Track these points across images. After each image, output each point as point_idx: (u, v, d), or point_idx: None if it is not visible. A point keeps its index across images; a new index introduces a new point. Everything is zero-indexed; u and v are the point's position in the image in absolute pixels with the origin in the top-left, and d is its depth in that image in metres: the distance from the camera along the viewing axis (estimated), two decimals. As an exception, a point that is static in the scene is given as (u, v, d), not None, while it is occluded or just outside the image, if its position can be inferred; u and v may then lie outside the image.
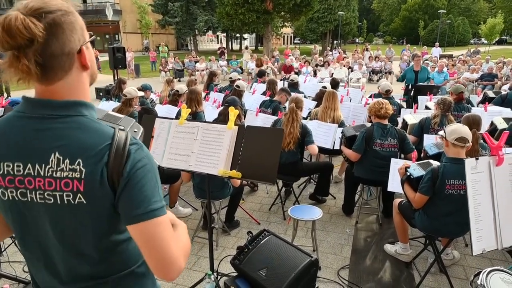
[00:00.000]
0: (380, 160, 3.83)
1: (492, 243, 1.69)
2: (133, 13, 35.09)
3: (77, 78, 0.98)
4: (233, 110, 2.44)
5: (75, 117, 0.97)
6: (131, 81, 15.56)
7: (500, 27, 41.77)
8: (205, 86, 8.22)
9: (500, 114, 5.18)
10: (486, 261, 3.39)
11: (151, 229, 0.96)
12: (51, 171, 0.95)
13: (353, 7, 40.12)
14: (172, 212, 4.20)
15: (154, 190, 0.98)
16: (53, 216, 0.99)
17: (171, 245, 0.97)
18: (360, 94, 7.43)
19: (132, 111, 4.62)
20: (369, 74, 16.32)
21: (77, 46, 0.96)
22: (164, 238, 0.97)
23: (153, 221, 0.96)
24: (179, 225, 1.15)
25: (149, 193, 0.96)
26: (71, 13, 0.95)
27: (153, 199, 0.97)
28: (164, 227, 0.98)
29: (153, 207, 0.96)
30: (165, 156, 2.53)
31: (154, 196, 0.97)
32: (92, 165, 0.93)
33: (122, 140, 0.96)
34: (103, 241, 1.03)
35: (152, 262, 0.97)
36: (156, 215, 0.96)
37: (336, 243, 3.71)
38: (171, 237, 0.99)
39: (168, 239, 0.97)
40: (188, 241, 1.12)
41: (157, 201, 0.98)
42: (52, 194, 0.96)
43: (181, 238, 1.08)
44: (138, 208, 0.95)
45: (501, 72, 12.11)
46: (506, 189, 1.72)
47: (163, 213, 0.98)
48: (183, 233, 1.12)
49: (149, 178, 0.97)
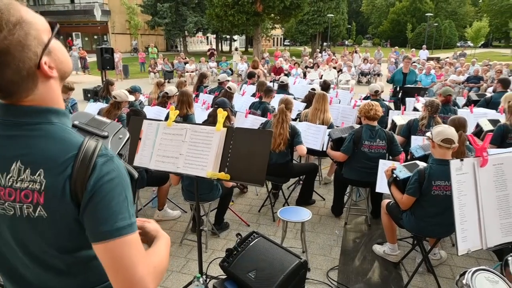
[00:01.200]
0: (369, 162, 3.86)
1: (477, 243, 1.71)
2: (122, 14, 34.79)
3: (45, 88, 0.91)
4: (222, 112, 2.43)
5: (43, 124, 0.91)
6: (119, 82, 15.42)
7: (485, 30, 42.62)
8: (194, 88, 8.19)
9: (485, 116, 5.28)
10: (472, 261, 3.43)
11: (116, 249, 0.88)
12: (12, 180, 0.90)
13: (342, 9, 40.42)
14: (160, 215, 4.16)
15: (122, 206, 0.90)
16: (14, 228, 0.93)
17: (138, 266, 0.89)
18: (349, 96, 7.50)
19: (120, 113, 4.57)
20: (358, 76, 16.49)
21: (35, 61, 0.87)
22: (131, 259, 0.89)
23: (119, 240, 0.88)
24: (160, 239, 1.08)
25: (116, 209, 0.89)
26: (18, 25, 0.83)
27: (120, 215, 0.89)
28: (132, 247, 0.90)
29: (120, 224, 0.89)
30: (153, 158, 2.50)
31: (122, 212, 0.90)
32: (54, 177, 0.88)
33: (89, 151, 0.90)
34: (70, 257, 0.96)
35: (116, 284, 0.90)
36: (123, 233, 0.89)
37: (325, 244, 3.72)
38: (140, 257, 0.91)
39: (136, 260, 0.89)
40: (165, 258, 1.04)
41: (125, 218, 0.90)
42: (12, 205, 0.91)
43: (155, 256, 1.00)
44: (103, 225, 0.88)
45: (487, 75, 12.33)
46: (490, 190, 1.74)
47: (131, 231, 0.91)
48: (161, 250, 1.04)
49: (117, 192, 0.90)
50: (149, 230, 1.11)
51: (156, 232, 1.11)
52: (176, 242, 3.68)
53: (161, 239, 1.09)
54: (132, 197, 0.96)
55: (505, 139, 4.20)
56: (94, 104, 6.21)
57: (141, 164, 2.55)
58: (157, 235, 1.10)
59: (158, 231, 1.11)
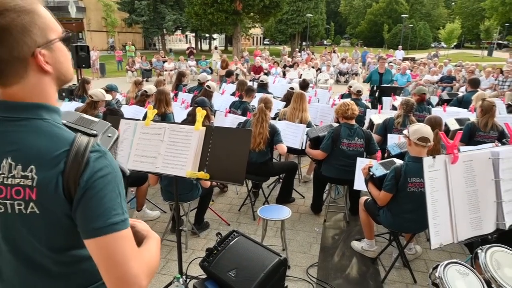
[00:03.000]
0: (347, 160, 3.93)
1: (449, 237, 1.78)
2: (98, 11, 33.96)
3: (37, 81, 0.91)
4: (200, 111, 2.42)
5: (34, 120, 0.90)
6: (95, 81, 15.04)
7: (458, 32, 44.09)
8: (173, 87, 8.09)
9: (458, 114, 5.48)
10: (445, 254, 3.55)
11: (110, 245, 0.88)
12: (2, 177, 0.89)
13: (321, 9, 40.90)
14: (139, 216, 4.10)
15: (115, 202, 0.91)
16: (4, 225, 0.92)
17: (131, 262, 0.90)
18: (327, 95, 7.60)
19: (97, 113, 4.47)
20: (337, 76, 16.74)
21: (30, 49, 0.87)
22: (125, 255, 0.89)
23: (112, 236, 0.88)
24: (151, 239, 1.08)
25: (109, 205, 0.89)
26: (26, 13, 0.86)
27: (113, 211, 0.89)
28: (125, 242, 0.90)
29: (113, 220, 0.89)
30: (130, 158, 2.46)
31: (115, 208, 0.90)
32: (46, 172, 0.87)
33: (82, 146, 0.89)
34: (61, 256, 0.95)
35: (109, 280, 0.89)
36: (116, 229, 0.89)
37: (305, 241, 3.77)
38: (133, 253, 0.92)
39: (129, 256, 0.90)
40: (157, 256, 1.05)
41: (118, 214, 0.90)
42: (3, 202, 0.90)
43: (147, 254, 1.01)
44: (96, 221, 0.88)
45: (459, 75, 12.77)
46: (461, 186, 1.81)
47: (124, 227, 0.91)
48: (152, 249, 1.05)
49: (110, 188, 0.90)
50: (139, 229, 1.11)
51: (147, 232, 1.11)
52: (155, 243, 3.64)
53: (151, 238, 1.09)
54: (125, 193, 0.96)
55: (473, 137, 4.37)
56: (69, 103, 6.04)
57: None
58: (147, 234, 1.10)
59: (148, 230, 1.12)
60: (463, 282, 1.68)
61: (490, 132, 4.35)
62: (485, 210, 1.88)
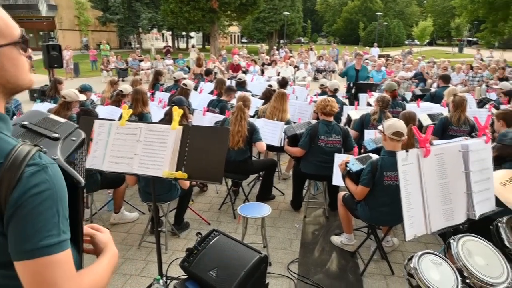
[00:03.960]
0: (325, 156, 3.98)
1: (422, 228, 1.84)
2: (70, 9, 32.98)
3: None
4: (177, 110, 2.39)
5: None
6: (69, 81, 14.63)
7: (430, 29, 45.42)
8: (150, 86, 7.97)
9: (431, 109, 5.65)
10: (421, 245, 3.66)
11: (39, 269, 0.80)
12: None
13: (298, 7, 41.26)
14: (117, 218, 4.02)
15: (50, 222, 0.82)
16: None
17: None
18: (305, 92, 7.67)
19: (70, 114, 4.34)
20: (314, 73, 16.91)
21: None
22: (56, 282, 0.81)
23: (43, 260, 0.80)
24: (105, 255, 1.02)
25: (42, 225, 0.81)
26: None
27: (47, 232, 0.81)
28: (58, 267, 0.82)
29: (46, 242, 0.81)
30: (106, 160, 2.41)
31: (50, 229, 0.82)
32: None
33: (17, 159, 0.81)
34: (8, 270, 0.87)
35: None
36: (47, 252, 0.81)
37: (286, 238, 3.80)
38: (68, 278, 0.83)
39: (61, 282, 0.82)
40: (105, 276, 0.97)
41: (53, 235, 0.82)
42: None
43: (91, 275, 0.93)
44: (26, 243, 0.80)
45: (431, 71, 13.15)
46: (433, 178, 1.87)
47: (59, 250, 0.83)
48: (100, 268, 0.98)
49: (46, 207, 0.82)
50: (98, 241, 1.06)
51: (105, 245, 1.05)
52: (134, 245, 3.58)
53: (106, 254, 1.04)
54: (67, 211, 0.88)
55: (446, 131, 4.53)
56: (41, 104, 5.86)
57: (93, 166, 2.44)
58: (104, 248, 1.04)
59: (107, 244, 1.06)
60: (436, 271, 1.74)
61: (462, 126, 4.51)
62: (456, 201, 1.95)
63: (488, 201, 2.10)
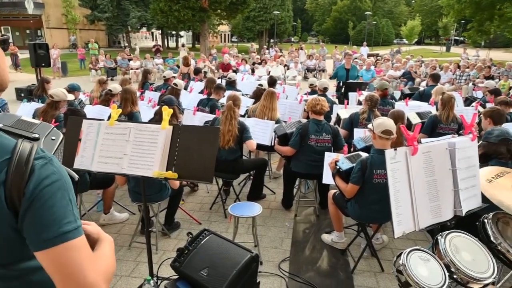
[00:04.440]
0: (316, 155, 4.00)
1: (411, 225, 1.86)
2: (58, 7, 32.45)
3: None
4: (167, 109, 2.38)
5: None
6: (57, 81, 14.43)
7: (418, 29, 45.97)
8: (140, 85, 7.91)
9: (419, 108, 5.72)
10: (410, 242, 3.71)
11: (63, 255, 0.84)
12: None
13: (288, 6, 41.27)
14: (107, 218, 3.98)
15: (66, 210, 0.87)
16: None
17: (87, 271, 0.86)
18: (295, 91, 7.69)
19: (58, 114, 4.28)
20: (304, 72, 16.97)
21: None
22: (80, 263, 0.86)
23: (65, 245, 0.84)
24: (104, 241, 1.05)
25: (59, 213, 0.85)
26: None
27: (64, 220, 0.86)
28: (80, 251, 0.87)
29: (65, 229, 0.85)
30: (95, 160, 2.39)
31: (66, 216, 0.86)
32: None
33: (24, 154, 0.84)
34: (8, 270, 0.90)
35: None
36: (69, 238, 0.85)
37: (277, 237, 3.81)
38: (88, 261, 0.88)
39: (85, 264, 0.87)
40: (112, 260, 1.02)
41: (70, 222, 0.87)
42: None
43: (103, 258, 0.98)
44: (46, 232, 0.83)
45: (420, 70, 13.31)
46: (421, 176, 1.90)
47: (78, 235, 0.88)
48: (107, 252, 1.02)
49: (59, 196, 0.86)
50: (89, 232, 1.07)
51: (98, 234, 1.07)
52: (124, 246, 3.55)
53: (104, 241, 1.06)
54: (76, 200, 0.92)
55: (435, 128, 4.59)
56: (28, 104, 5.74)
57: (82, 166, 2.42)
58: (99, 237, 1.06)
59: (99, 233, 1.08)
60: (425, 268, 1.77)
61: (451, 124, 4.58)
62: (443, 198, 1.98)
63: (474, 197, 2.14)
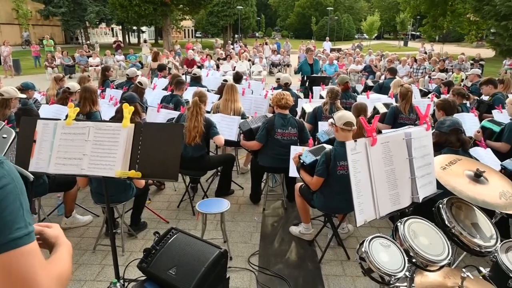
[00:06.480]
0: (282, 149, 4.05)
1: (372, 213, 1.94)
2: (7, 1, 30.51)
3: None
4: (128, 107, 2.31)
5: None
6: (9, 80, 13.65)
7: (377, 24, 47.50)
8: (100, 83, 7.62)
9: (379, 100, 5.94)
10: (374, 230, 3.85)
11: (14, 261, 0.81)
12: None
13: (251, 1, 41.29)
14: (69, 222, 3.82)
15: (17, 215, 0.83)
16: None
17: (39, 277, 0.84)
18: (261, 87, 7.72)
19: (10, 113, 4.04)
20: (269, 67, 17.07)
21: None
22: (31, 271, 0.83)
23: (16, 252, 0.81)
24: (61, 246, 1.02)
25: (10, 218, 0.82)
26: None
27: (15, 225, 0.82)
28: (31, 257, 0.84)
29: (16, 235, 0.82)
30: (52, 162, 2.28)
31: (17, 222, 0.83)
32: None
33: None
34: None
35: None
36: (19, 244, 0.82)
37: (246, 231, 3.83)
38: (40, 267, 0.85)
39: (36, 271, 0.84)
40: (68, 265, 0.99)
41: (21, 227, 0.83)
42: None
43: (57, 263, 0.96)
44: None
45: (380, 64, 13.79)
46: (380, 166, 1.98)
47: (29, 240, 0.84)
48: (63, 257, 1.00)
49: (10, 200, 0.82)
50: (48, 236, 1.04)
51: (56, 239, 1.04)
52: (89, 249, 3.43)
53: (62, 245, 1.03)
54: (29, 203, 0.88)
55: (397, 119, 4.81)
56: (-24, 105, 5.37)
57: (38, 169, 2.30)
58: (56, 242, 1.03)
59: (58, 237, 1.04)
60: (386, 254, 1.85)
61: (410, 114, 4.82)
62: (402, 186, 2.07)
63: (430, 184, 2.25)
